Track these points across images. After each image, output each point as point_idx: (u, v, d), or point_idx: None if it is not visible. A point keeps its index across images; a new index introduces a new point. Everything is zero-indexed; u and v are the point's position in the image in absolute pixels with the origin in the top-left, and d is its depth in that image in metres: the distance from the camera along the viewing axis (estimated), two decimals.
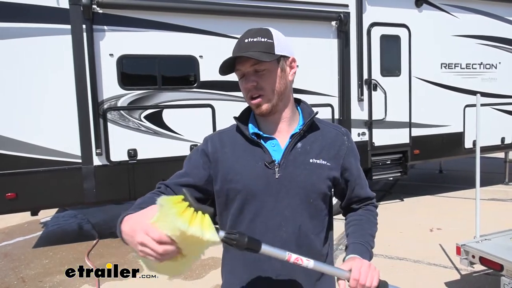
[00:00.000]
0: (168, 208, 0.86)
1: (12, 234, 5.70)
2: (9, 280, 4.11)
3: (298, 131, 1.25)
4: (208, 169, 1.27)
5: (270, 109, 1.21)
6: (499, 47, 6.97)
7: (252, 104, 1.22)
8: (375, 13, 6.01)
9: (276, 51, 1.18)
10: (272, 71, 1.20)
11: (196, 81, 5.11)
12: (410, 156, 6.39)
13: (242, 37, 1.20)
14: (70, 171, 4.65)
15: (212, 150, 1.29)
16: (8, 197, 4.43)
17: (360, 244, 1.23)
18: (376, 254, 4.36)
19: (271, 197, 1.21)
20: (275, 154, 1.23)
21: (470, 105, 6.58)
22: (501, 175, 7.77)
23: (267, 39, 1.18)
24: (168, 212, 0.86)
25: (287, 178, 1.21)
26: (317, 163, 1.23)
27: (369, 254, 1.22)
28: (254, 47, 1.16)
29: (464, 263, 3.33)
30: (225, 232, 0.97)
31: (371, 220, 1.34)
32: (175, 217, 0.85)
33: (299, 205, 1.22)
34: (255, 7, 5.22)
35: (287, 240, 1.21)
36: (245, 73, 1.20)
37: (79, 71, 4.58)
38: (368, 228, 1.30)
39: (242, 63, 1.19)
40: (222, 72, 1.22)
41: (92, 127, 4.67)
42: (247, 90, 1.21)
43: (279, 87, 1.21)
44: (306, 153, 1.24)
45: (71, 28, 4.52)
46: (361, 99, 5.99)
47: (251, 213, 1.23)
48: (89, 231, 5.71)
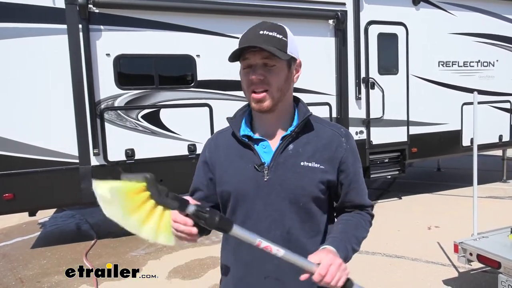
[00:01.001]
0: (121, 199, 0.79)
1: (10, 235, 5.68)
2: (7, 281, 4.10)
3: (290, 132, 1.23)
4: (210, 175, 1.30)
5: (271, 106, 1.18)
6: (496, 45, 6.98)
7: (254, 98, 1.17)
8: (373, 11, 6.00)
9: (288, 51, 1.17)
10: (282, 69, 1.18)
11: (193, 81, 5.10)
12: (408, 154, 6.40)
13: (257, 27, 1.16)
14: (68, 171, 4.64)
15: (209, 155, 1.31)
16: (6, 197, 4.42)
17: (340, 240, 1.17)
18: (374, 253, 4.36)
19: (260, 200, 1.20)
20: (265, 156, 1.22)
21: (467, 103, 6.59)
22: (499, 172, 7.78)
23: (282, 37, 1.16)
24: (121, 205, 0.79)
25: (276, 181, 1.19)
26: (308, 166, 1.20)
27: (346, 254, 1.16)
28: (270, 41, 1.13)
29: (462, 261, 3.33)
30: (195, 207, 0.92)
31: (361, 224, 1.27)
32: (127, 214, 0.78)
33: (289, 208, 1.20)
34: (252, 5, 5.22)
35: (277, 243, 1.15)
36: (254, 64, 1.16)
37: (76, 71, 4.57)
38: (355, 230, 1.24)
39: (253, 53, 1.14)
40: (231, 59, 1.18)
41: (89, 127, 4.66)
42: (251, 83, 1.16)
43: (284, 86, 1.19)
44: (298, 155, 1.21)
45: (67, 28, 4.51)
46: (359, 97, 5.99)
47: (242, 215, 1.22)
48: (87, 231, 5.70)
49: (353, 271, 1.10)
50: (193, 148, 5.08)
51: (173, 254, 4.65)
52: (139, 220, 0.79)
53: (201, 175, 1.33)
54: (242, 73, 1.20)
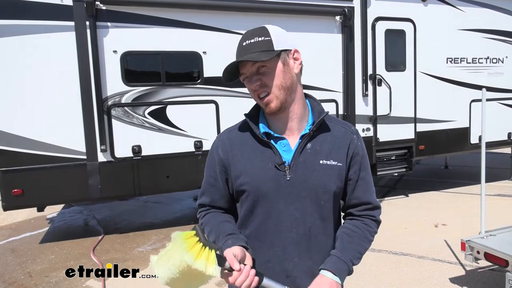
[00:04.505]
0: (179, 243, 1.01)
1: (19, 230, 5.76)
2: (16, 275, 4.15)
3: (308, 131, 1.23)
4: (226, 176, 1.29)
5: (279, 106, 1.20)
6: (506, 41, 6.89)
7: (262, 103, 1.22)
8: (380, 7, 5.95)
9: (275, 47, 1.17)
10: (273, 68, 1.18)
11: (200, 77, 5.11)
12: (415, 151, 6.36)
13: (241, 41, 1.20)
14: (75, 168, 4.68)
15: (224, 156, 1.28)
16: (15, 193, 4.48)
17: (342, 261, 1.19)
18: (381, 250, 4.35)
19: (281, 199, 1.21)
20: (286, 155, 1.22)
21: (476, 100, 6.52)
22: (507, 170, 7.70)
23: (264, 38, 1.17)
24: (179, 247, 1.01)
25: (297, 180, 1.20)
26: (327, 164, 1.22)
27: (347, 272, 1.19)
28: (253, 48, 1.16)
29: (469, 259, 3.32)
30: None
31: (366, 236, 1.27)
32: (184, 251, 1.00)
33: (310, 206, 1.21)
34: (259, 2, 5.20)
35: (298, 241, 1.21)
36: (249, 74, 1.20)
37: (83, 68, 4.60)
38: (358, 244, 1.25)
39: (244, 66, 1.20)
40: (227, 80, 1.23)
41: (97, 124, 4.69)
42: (254, 91, 1.21)
43: (284, 82, 1.19)
44: (316, 154, 1.23)
45: (75, 25, 4.53)
46: (366, 94, 5.95)
47: (262, 214, 1.23)
48: (94, 227, 5.75)
49: (359, 268, 1.11)
50: (199, 145, 5.09)
51: None
52: (192, 255, 1.00)
53: (214, 177, 1.31)
54: (246, 85, 1.24)
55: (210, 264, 1.00)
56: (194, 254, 1.00)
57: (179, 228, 5.35)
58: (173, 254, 1.02)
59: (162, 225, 5.66)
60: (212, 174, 1.31)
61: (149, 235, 5.27)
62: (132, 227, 5.64)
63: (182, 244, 1.01)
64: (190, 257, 0.99)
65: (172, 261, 1.01)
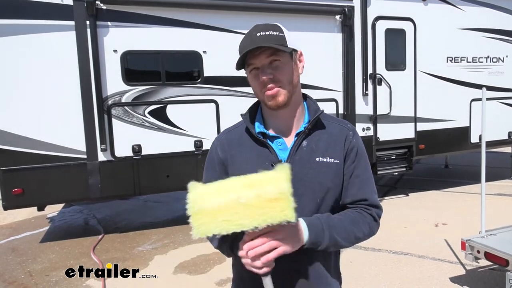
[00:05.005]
0: (285, 171, 0.99)
1: (19, 229, 5.76)
2: (16, 274, 4.16)
3: (303, 129, 1.23)
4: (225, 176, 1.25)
5: (286, 100, 1.19)
6: (506, 40, 6.88)
7: (268, 95, 1.17)
8: (380, 6, 5.95)
9: (288, 44, 1.18)
10: (287, 63, 1.19)
11: (200, 77, 5.11)
12: (416, 151, 6.36)
13: (253, 32, 1.17)
14: (76, 167, 4.68)
15: (223, 155, 1.28)
16: (15, 192, 4.48)
17: (321, 222, 1.14)
18: (381, 249, 4.35)
19: None
20: (282, 154, 1.23)
21: (476, 99, 6.52)
22: (508, 170, 7.70)
23: (278, 33, 1.17)
24: (284, 174, 0.98)
25: (294, 178, 1.17)
26: (323, 162, 1.22)
27: (319, 237, 1.11)
28: (269, 40, 1.14)
29: (469, 258, 3.31)
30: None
31: (358, 222, 1.21)
32: (287, 181, 0.97)
33: (307, 205, 1.20)
34: (260, 1, 5.20)
35: None
36: (260, 66, 1.17)
37: (83, 68, 4.60)
38: (347, 223, 1.19)
39: (256, 56, 1.16)
40: (238, 67, 1.20)
41: (97, 123, 4.70)
42: (263, 83, 1.17)
43: (294, 79, 1.21)
44: (312, 151, 1.23)
45: (75, 24, 4.54)
46: (366, 93, 5.95)
47: None
48: (94, 226, 5.75)
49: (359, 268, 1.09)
50: (199, 144, 5.09)
51: (179, 249, 4.68)
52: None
53: (215, 177, 1.27)
54: (251, 77, 1.21)
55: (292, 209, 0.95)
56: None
57: (179, 228, 5.37)
58: (269, 180, 0.96)
59: (162, 224, 5.66)
60: (213, 174, 1.30)
61: (149, 234, 5.27)
62: (132, 226, 5.65)
63: (287, 175, 0.96)
64: (289, 186, 0.94)
65: (265, 188, 0.94)
